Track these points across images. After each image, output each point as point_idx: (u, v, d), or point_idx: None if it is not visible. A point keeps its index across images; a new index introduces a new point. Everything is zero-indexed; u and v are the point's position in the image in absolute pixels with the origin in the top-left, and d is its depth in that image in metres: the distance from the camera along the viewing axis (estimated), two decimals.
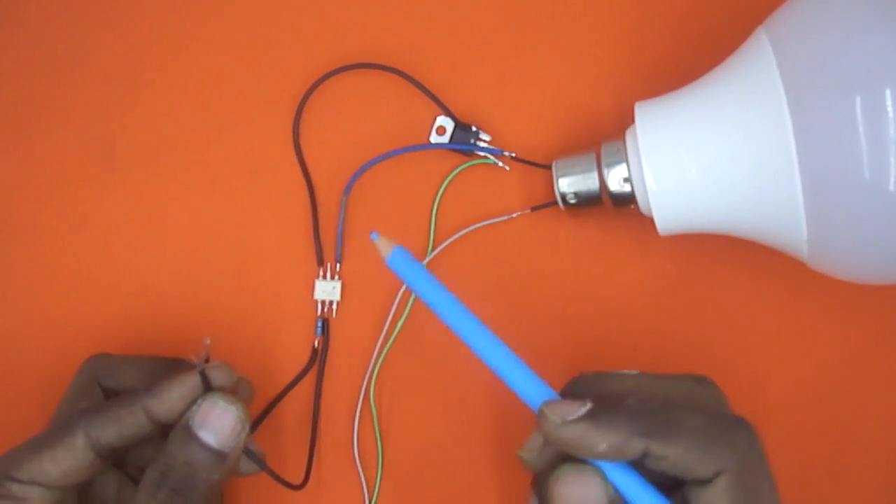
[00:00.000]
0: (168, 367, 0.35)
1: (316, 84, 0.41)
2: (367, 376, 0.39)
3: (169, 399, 0.32)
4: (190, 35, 0.42)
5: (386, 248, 0.31)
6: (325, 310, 0.40)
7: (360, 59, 0.41)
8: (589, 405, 0.29)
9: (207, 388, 0.32)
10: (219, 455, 0.31)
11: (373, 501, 0.38)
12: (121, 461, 0.34)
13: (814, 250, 0.33)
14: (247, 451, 0.33)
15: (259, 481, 0.35)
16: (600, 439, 0.28)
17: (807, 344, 0.39)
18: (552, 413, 0.29)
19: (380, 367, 0.39)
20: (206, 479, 0.31)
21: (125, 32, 0.42)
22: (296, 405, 0.39)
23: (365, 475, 0.38)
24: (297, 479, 0.37)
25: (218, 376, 0.33)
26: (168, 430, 0.32)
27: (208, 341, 0.33)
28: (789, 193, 0.31)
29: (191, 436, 0.31)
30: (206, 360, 0.33)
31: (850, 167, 0.30)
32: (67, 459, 0.31)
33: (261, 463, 0.34)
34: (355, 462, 0.38)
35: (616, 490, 0.29)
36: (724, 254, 0.39)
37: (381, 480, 0.38)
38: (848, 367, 0.38)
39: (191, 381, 0.32)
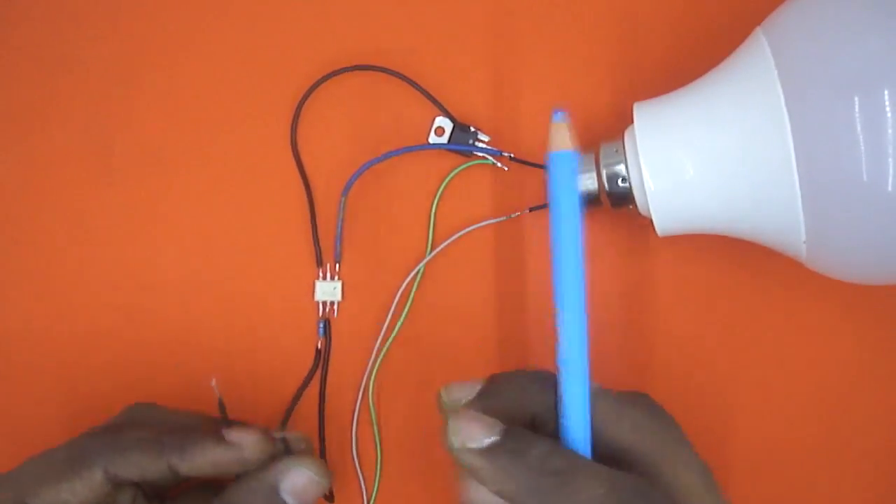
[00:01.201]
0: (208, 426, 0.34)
1: (313, 87, 0.41)
2: (366, 376, 0.39)
3: (199, 464, 0.32)
4: (188, 38, 0.42)
5: (558, 142, 0.28)
6: (327, 310, 0.40)
7: (357, 60, 0.41)
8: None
9: (286, 450, 0.33)
10: None
11: (371, 501, 0.38)
12: None
13: (812, 251, 0.33)
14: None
15: None
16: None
17: (805, 343, 0.39)
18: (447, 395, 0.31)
19: (379, 366, 0.39)
20: None
21: (124, 33, 0.42)
22: (297, 406, 0.39)
23: (363, 475, 0.38)
24: None
25: (296, 444, 0.34)
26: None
27: (214, 383, 0.33)
28: (788, 194, 0.31)
29: (277, 500, 0.32)
30: (222, 408, 0.34)
31: (849, 168, 0.30)
32: (85, 492, 0.31)
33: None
34: (354, 462, 0.38)
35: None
36: (723, 254, 0.39)
37: (379, 480, 0.38)
38: (847, 366, 0.38)
39: (224, 454, 0.32)
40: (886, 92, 0.29)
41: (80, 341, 0.40)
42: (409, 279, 0.39)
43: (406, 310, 0.39)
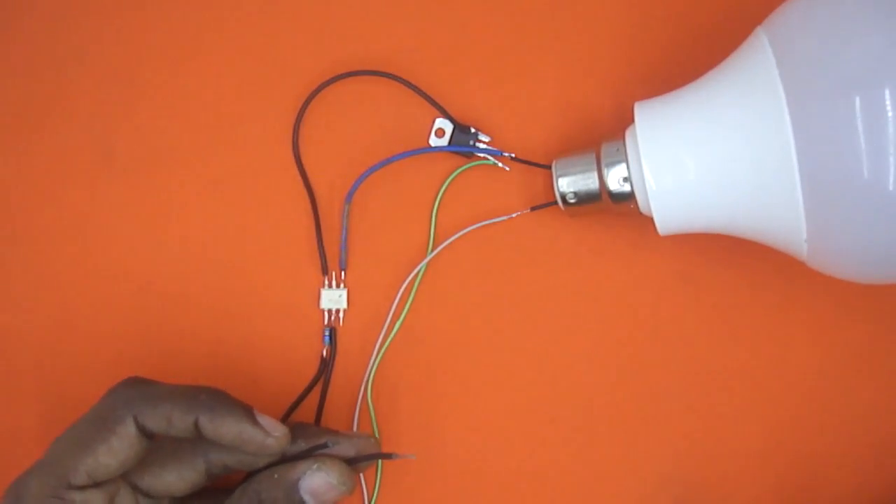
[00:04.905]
0: (213, 400, 0.32)
1: (312, 95, 0.41)
2: (366, 375, 0.39)
3: (224, 431, 0.31)
4: (190, 43, 0.42)
5: None
6: (333, 318, 0.40)
7: (355, 64, 0.41)
8: None
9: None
10: None
11: (372, 501, 0.38)
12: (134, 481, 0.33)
13: (813, 250, 0.33)
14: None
15: None
16: None
17: (806, 343, 0.39)
18: None
19: (379, 366, 0.39)
20: None
21: (126, 35, 0.42)
22: (301, 410, 0.39)
23: (364, 476, 0.38)
24: None
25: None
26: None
27: None
28: (788, 193, 0.31)
29: (296, 498, 0.32)
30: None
31: (850, 167, 0.30)
32: (124, 448, 0.30)
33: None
34: None
35: None
36: (724, 254, 0.39)
37: (380, 480, 0.38)
38: (848, 366, 0.38)
39: (250, 431, 0.32)
40: (887, 91, 0.29)
41: (80, 341, 0.40)
42: (409, 279, 0.39)
43: (406, 309, 0.39)
